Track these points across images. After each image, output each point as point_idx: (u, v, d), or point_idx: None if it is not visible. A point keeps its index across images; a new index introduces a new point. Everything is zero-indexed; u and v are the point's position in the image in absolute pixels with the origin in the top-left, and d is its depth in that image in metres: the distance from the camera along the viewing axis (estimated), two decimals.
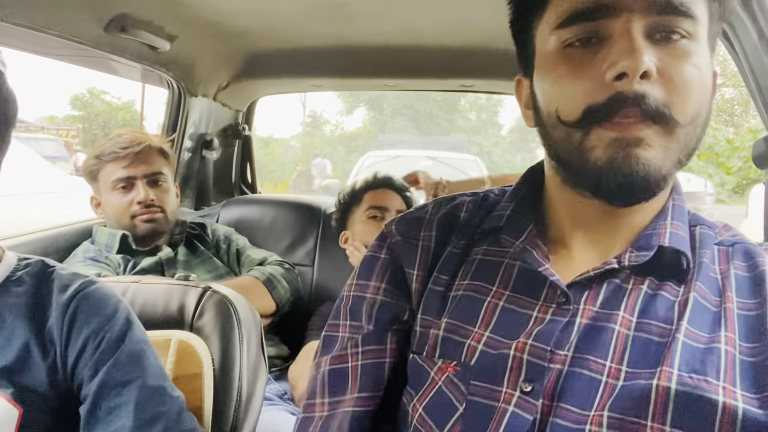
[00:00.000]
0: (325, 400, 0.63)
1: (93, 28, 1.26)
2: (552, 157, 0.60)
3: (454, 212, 0.69)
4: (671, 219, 0.58)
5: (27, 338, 0.68)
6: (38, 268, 0.75)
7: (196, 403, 0.79)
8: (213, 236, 1.68)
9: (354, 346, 0.64)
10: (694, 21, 0.52)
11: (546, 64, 0.57)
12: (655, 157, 0.51)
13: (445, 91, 2.20)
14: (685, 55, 0.52)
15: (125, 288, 0.87)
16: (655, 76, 0.50)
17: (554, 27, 0.55)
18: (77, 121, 19.15)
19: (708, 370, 0.49)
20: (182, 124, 1.84)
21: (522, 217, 0.63)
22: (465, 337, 0.58)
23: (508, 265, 0.61)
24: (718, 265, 0.58)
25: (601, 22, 0.52)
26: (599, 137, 0.52)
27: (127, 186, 1.45)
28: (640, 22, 0.51)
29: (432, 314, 0.62)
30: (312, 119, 23.29)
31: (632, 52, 0.50)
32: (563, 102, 0.54)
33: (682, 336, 0.51)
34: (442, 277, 0.64)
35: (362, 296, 0.67)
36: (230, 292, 0.89)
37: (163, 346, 0.82)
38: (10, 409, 0.65)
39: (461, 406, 0.55)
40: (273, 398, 1.35)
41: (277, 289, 1.52)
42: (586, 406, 0.50)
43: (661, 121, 0.51)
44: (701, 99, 0.53)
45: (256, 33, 1.62)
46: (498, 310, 0.58)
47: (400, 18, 1.47)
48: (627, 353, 0.52)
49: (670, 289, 0.55)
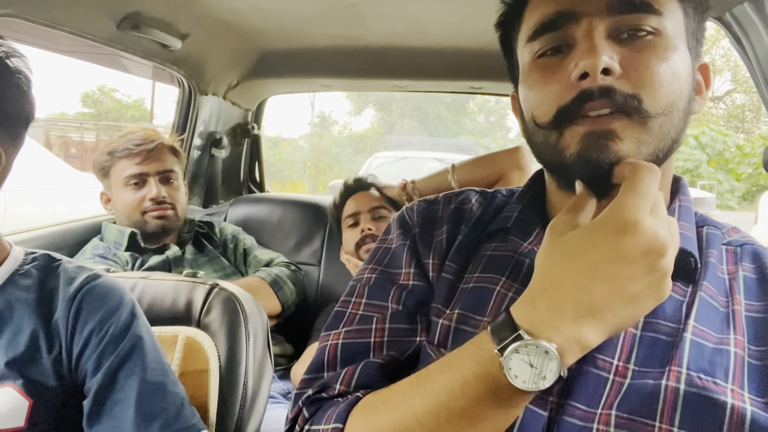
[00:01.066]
0: (335, 372, 0.62)
1: (106, 25, 1.27)
2: (540, 162, 0.62)
3: (461, 206, 0.71)
4: (677, 219, 0.58)
5: (35, 331, 0.69)
6: (45, 262, 0.76)
7: (201, 399, 0.80)
8: (221, 235, 1.69)
9: (380, 322, 0.64)
10: (660, 16, 0.53)
11: (524, 75, 0.60)
12: (627, 148, 0.52)
13: (454, 92, 2.19)
14: (653, 49, 0.53)
15: (134, 284, 0.88)
16: (619, 71, 0.52)
17: (526, 41, 0.59)
18: (88, 118, 19.29)
19: (717, 371, 0.50)
20: (192, 122, 1.85)
21: (529, 219, 0.65)
22: (476, 327, 0.59)
23: (518, 261, 0.62)
24: (726, 266, 0.58)
25: (566, 30, 0.55)
26: (572, 134, 0.54)
27: (140, 182, 1.46)
28: (602, 25, 0.54)
29: (441, 302, 0.63)
30: (320, 119, 23.34)
31: (592, 52, 0.52)
32: (537, 106, 0.57)
33: (690, 334, 0.52)
34: (452, 265, 0.65)
35: (392, 281, 0.67)
36: (237, 289, 0.89)
37: (170, 342, 0.82)
38: (20, 400, 0.66)
39: None
40: (277, 397, 1.36)
41: (283, 290, 1.53)
42: (594, 404, 0.51)
43: (632, 112, 0.52)
44: (674, 90, 0.53)
45: (267, 32, 1.63)
46: (507, 300, 0.59)
47: (410, 19, 1.47)
48: (634, 352, 0.52)
49: (677, 289, 0.56)
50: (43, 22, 1.13)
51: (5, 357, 0.67)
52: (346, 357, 0.62)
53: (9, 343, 0.68)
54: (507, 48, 0.66)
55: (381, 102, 21.29)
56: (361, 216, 1.57)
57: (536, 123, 0.57)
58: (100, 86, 19.95)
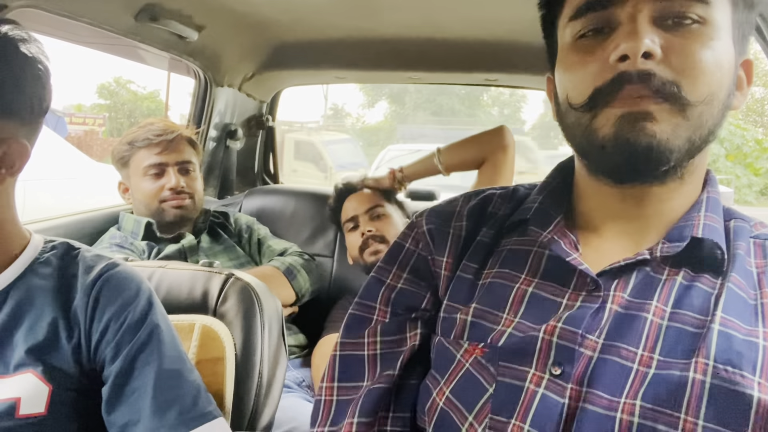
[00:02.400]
0: (334, 384, 0.64)
1: (124, 16, 1.28)
2: (570, 145, 0.61)
3: (483, 204, 0.70)
4: (705, 211, 0.58)
5: (54, 318, 0.70)
6: (64, 250, 0.77)
7: (217, 386, 0.81)
8: (236, 225, 1.70)
9: (372, 335, 0.66)
10: (707, 6, 0.52)
11: (562, 55, 0.59)
12: (662, 130, 0.51)
13: (468, 84, 2.19)
14: (697, 37, 0.52)
15: (151, 273, 0.89)
16: (660, 56, 0.51)
17: (569, 20, 0.58)
18: (104, 109, 19.46)
19: (744, 363, 0.49)
20: (208, 113, 1.87)
21: (549, 208, 0.64)
22: (494, 323, 0.58)
23: (537, 254, 0.62)
24: (755, 259, 0.57)
25: (611, 11, 0.54)
26: (607, 117, 0.53)
27: (159, 172, 1.48)
28: (648, 8, 0.52)
29: (459, 301, 0.63)
30: (333, 112, 23.33)
31: (633, 35, 0.51)
32: (573, 87, 0.56)
33: (717, 325, 0.51)
34: (471, 265, 0.65)
35: (381, 280, 0.69)
36: (253, 279, 0.90)
37: (187, 331, 0.83)
38: (40, 385, 0.67)
39: (491, 387, 0.55)
40: (291, 385, 1.37)
41: (296, 279, 1.54)
42: (617, 393, 0.50)
43: (670, 98, 0.51)
44: (716, 80, 0.52)
45: (282, 24, 1.63)
46: (527, 296, 0.59)
47: (425, 11, 1.46)
48: (660, 342, 0.52)
49: (706, 281, 0.55)
50: (63, 13, 1.15)
51: (26, 344, 0.68)
52: (344, 371, 0.65)
53: (29, 331, 0.69)
54: (548, 29, 0.64)
55: (394, 94, 21.22)
56: (359, 218, 1.56)
57: (570, 104, 0.56)
58: (116, 78, 20.13)
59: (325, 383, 0.65)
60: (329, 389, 0.64)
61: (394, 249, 0.71)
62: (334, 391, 0.64)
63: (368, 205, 1.57)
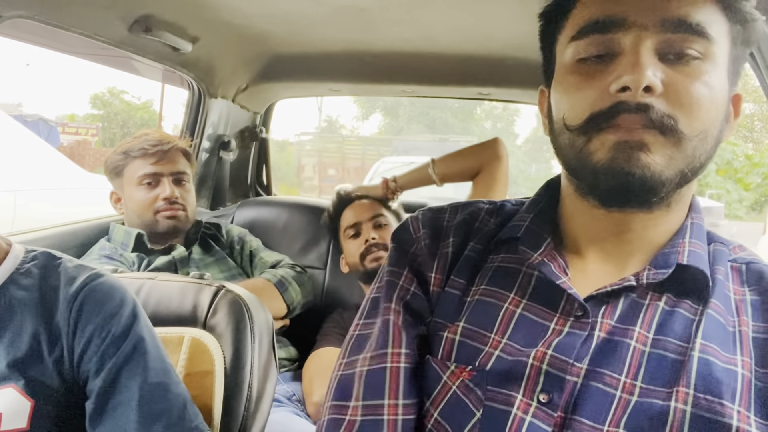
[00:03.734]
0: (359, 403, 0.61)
1: (118, 28, 1.28)
2: (561, 164, 0.61)
3: (470, 219, 0.69)
4: (690, 237, 0.58)
5: (36, 331, 0.69)
6: (45, 260, 0.75)
7: (206, 400, 0.80)
8: (227, 237, 1.69)
9: (397, 346, 0.63)
10: (709, 42, 0.52)
11: (561, 75, 0.59)
12: (656, 162, 0.51)
13: (462, 98, 2.20)
14: (696, 74, 0.52)
15: (141, 284, 0.88)
16: (660, 89, 0.51)
17: (570, 39, 0.57)
18: (97, 119, 19.41)
19: (724, 392, 0.49)
20: (201, 124, 1.86)
21: (540, 229, 0.63)
22: (482, 343, 0.58)
23: (526, 274, 0.61)
24: (732, 284, 0.58)
25: (613, 36, 0.54)
26: (602, 142, 0.53)
27: (153, 182, 1.48)
28: (652, 40, 0.52)
29: (446, 318, 0.62)
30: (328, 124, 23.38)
31: (637, 67, 0.51)
32: (570, 109, 0.56)
33: (697, 353, 0.51)
34: (458, 280, 0.64)
35: (395, 282, 0.66)
36: (243, 291, 0.89)
37: (176, 343, 0.82)
38: (22, 401, 0.66)
39: (478, 411, 0.55)
40: (281, 399, 1.35)
41: (288, 291, 1.53)
42: (600, 420, 0.51)
43: (666, 131, 0.51)
44: (710, 116, 0.53)
45: (277, 36, 1.64)
46: (515, 317, 0.58)
47: (419, 25, 1.47)
48: (642, 369, 0.52)
49: (688, 307, 0.55)
50: (56, 24, 1.15)
51: (6, 358, 0.67)
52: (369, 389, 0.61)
53: (10, 344, 0.68)
54: (546, 41, 0.64)
55: (388, 107, 21.31)
56: (362, 226, 1.56)
57: (566, 125, 0.56)
58: (110, 88, 20.10)
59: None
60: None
61: (401, 253, 0.69)
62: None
63: (371, 213, 1.58)
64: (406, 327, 0.63)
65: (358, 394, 0.60)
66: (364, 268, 1.52)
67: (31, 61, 27.09)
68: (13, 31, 1.14)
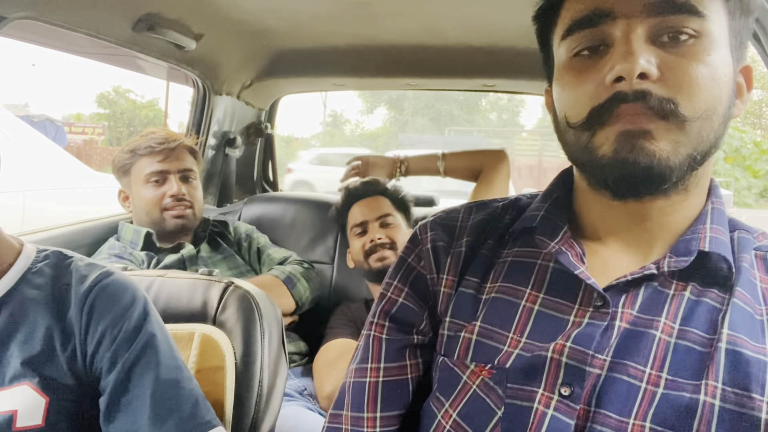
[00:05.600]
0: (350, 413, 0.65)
1: (122, 27, 1.29)
2: (570, 160, 0.61)
3: (486, 218, 0.68)
4: (711, 223, 0.57)
5: (49, 329, 0.70)
6: (57, 259, 0.76)
7: (218, 395, 0.80)
8: (235, 234, 1.70)
9: (376, 360, 0.65)
10: (702, 19, 0.52)
11: (559, 73, 0.59)
12: (662, 149, 0.51)
13: (467, 90, 2.19)
14: (692, 54, 0.52)
15: (150, 282, 0.89)
16: (656, 75, 0.51)
17: (562, 38, 0.58)
18: (103, 119, 19.51)
19: (753, 384, 0.49)
20: (207, 121, 1.87)
21: (556, 218, 0.63)
22: (500, 342, 0.57)
23: (542, 267, 0.60)
24: (758, 272, 0.57)
25: (603, 29, 0.54)
26: (606, 135, 0.53)
27: (160, 180, 1.48)
28: (642, 26, 0.52)
29: (463, 317, 0.62)
30: (332, 118, 23.38)
31: (629, 56, 0.51)
32: (570, 106, 0.56)
33: (724, 344, 0.50)
34: (472, 279, 0.63)
35: (384, 293, 0.68)
36: (252, 287, 0.90)
37: (187, 340, 0.83)
38: (37, 398, 0.67)
39: (499, 410, 0.54)
40: (292, 394, 1.36)
41: (296, 287, 1.54)
42: (625, 413, 0.50)
43: (668, 116, 0.51)
44: (713, 94, 0.52)
45: (280, 32, 1.64)
46: (533, 314, 0.58)
47: (423, 17, 1.46)
48: (668, 360, 0.51)
49: (714, 296, 0.54)
50: (61, 24, 1.15)
51: (21, 356, 0.68)
52: (356, 400, 0.65)
53: (24, 342, 0.69)
54: (543, 42, 0.64)
55: (393, 101, 21.27)
56: (369, 225, 1.56)
57: (568, 123, 0.56)
58: (115, 87, 20.20)
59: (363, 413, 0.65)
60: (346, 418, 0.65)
61: (398, 263, 0.70)
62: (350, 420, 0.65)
63: (379, 212, 1.57)
64: (388, 340, 0.65)
65: (348, 404, 0.65)
66: (369, 266, 1.53)
67: (36, 61, 27.17)
68: (19, 31, 1.15)
